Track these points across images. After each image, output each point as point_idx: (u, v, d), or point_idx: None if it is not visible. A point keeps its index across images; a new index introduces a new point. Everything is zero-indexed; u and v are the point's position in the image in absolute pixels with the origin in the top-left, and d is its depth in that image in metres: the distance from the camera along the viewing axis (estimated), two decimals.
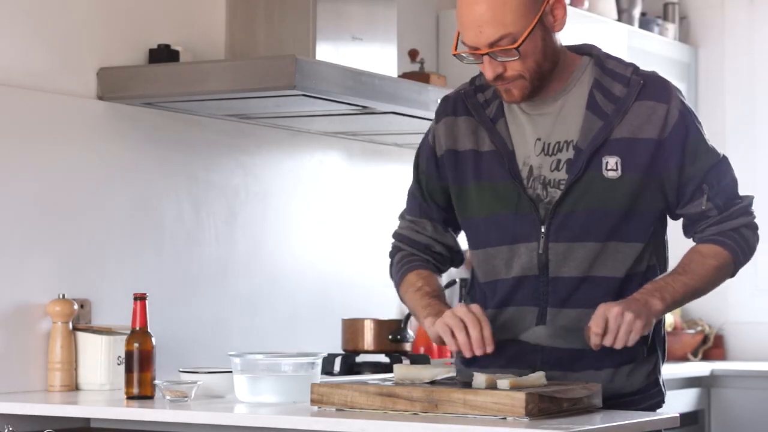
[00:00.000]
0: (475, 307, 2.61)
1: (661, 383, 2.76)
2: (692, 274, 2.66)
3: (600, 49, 2.75)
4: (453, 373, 2.61)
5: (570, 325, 2.63)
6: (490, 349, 2.57)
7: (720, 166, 2.71)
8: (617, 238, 2.65)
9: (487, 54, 2.59)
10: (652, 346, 2.72)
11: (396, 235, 2.90)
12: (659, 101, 2.66)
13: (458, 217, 2.80)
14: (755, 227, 2.73)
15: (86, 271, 3.64)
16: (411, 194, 2.88)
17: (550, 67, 2.64)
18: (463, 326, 2.57)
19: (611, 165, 2.64)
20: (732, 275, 2.73)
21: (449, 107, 2.79)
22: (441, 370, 2.61)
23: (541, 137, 2.69)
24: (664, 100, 2.66)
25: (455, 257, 2.90)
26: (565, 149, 2.66)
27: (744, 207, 2.72)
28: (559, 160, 2.66)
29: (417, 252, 2.85)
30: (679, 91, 2.72)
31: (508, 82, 2.63)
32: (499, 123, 2.72)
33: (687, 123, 2.67)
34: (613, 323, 2.54)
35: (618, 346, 2.54)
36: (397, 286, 2.85)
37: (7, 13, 3.50)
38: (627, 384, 2.68)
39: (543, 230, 2.66)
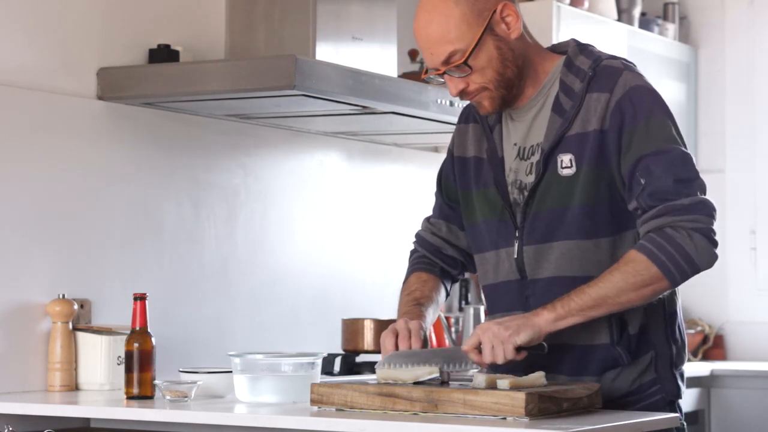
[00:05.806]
0: (413, 323, 2.69)
1: (667, 381, 2.68)
2: (602, 282, 2.54)
3: (576, 46, 2.71)
4: (437, 374, 2.60)
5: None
6: None
7: (657, 157, 2.56)
8: (583, 236, 2.62)
9: (444, 73, 2.63)
10: (645, 347, 2.66)
11: (416, 236, 2.96)
12: (603, 91, 2.61)
13: (464, 222, 2.83)
14: (691, 228, 2.51)
15: (86, 271, 3.64)
16: (435, 195, 2.94)
17: (514, 73, 2.65)
18: (395, 339, 2.66)
19: (566, 163, 2.63)
20: (669, 280, 2.53)
21: (463, 115, 2.85)
22: (424, 371, 2.59)
23: (517, 142, 2.72)
24: (607, 89, 2.61)
25: (468, 262, 2.91)
26: (536, 153, 2.68)
27: (676, 206, 2.53)
28: (531, 164, 2.68)
29: (428, 254, 2.91)
30: (636, 77, 2.63)
31: (474, 96, 2.67)
32: (496, 130, 2.76)
33: (623, 110, 2.59)
34: (485, 341, 2.55)
35: (498, 361, 2.55)
36: (402, 285, 2.90)
37: (6, 13, 3.50)
38: (613, 389, 2.66)
39: (517, 234, 2.69)
